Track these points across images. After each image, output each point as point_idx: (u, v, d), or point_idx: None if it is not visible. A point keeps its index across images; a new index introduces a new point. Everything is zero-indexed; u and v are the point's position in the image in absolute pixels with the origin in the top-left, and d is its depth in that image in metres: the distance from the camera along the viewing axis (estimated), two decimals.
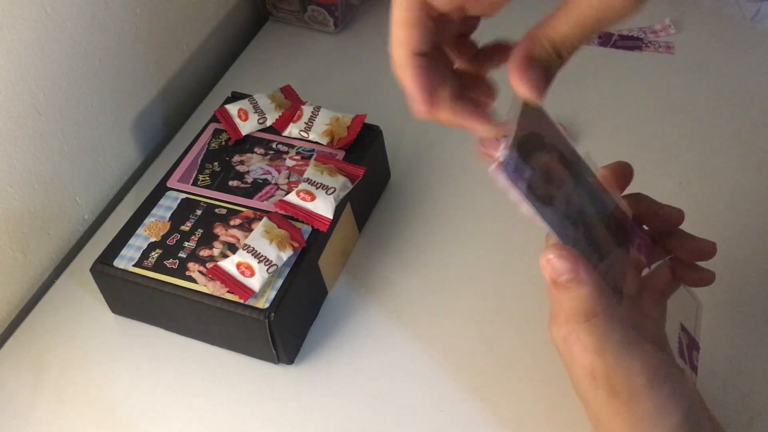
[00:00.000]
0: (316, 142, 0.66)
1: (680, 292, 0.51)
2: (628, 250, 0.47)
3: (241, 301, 0.55)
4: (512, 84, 0.39)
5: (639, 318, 0.48)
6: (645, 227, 0.50)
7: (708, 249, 0.49)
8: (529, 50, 0.38)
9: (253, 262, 0.56)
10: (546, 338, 0.58)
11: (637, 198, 0.49)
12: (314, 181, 0.61)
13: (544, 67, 0.39)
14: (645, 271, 0.51)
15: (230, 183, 0.64)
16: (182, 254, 0.59)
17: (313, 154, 0.65)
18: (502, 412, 0.55)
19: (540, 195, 0.41)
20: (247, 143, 0.67)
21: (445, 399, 0.56)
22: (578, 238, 0.43)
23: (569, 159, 0.44)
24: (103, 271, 0.59)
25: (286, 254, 0.57)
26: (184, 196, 0.63)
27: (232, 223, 0.61)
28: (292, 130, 0.67)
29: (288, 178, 0.64)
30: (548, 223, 0.41)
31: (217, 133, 0.68)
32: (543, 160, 0.42)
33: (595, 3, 0.37)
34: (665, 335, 0.49)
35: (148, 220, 0.62)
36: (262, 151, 0.66)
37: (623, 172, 0.49)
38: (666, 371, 0.42)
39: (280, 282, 0.57)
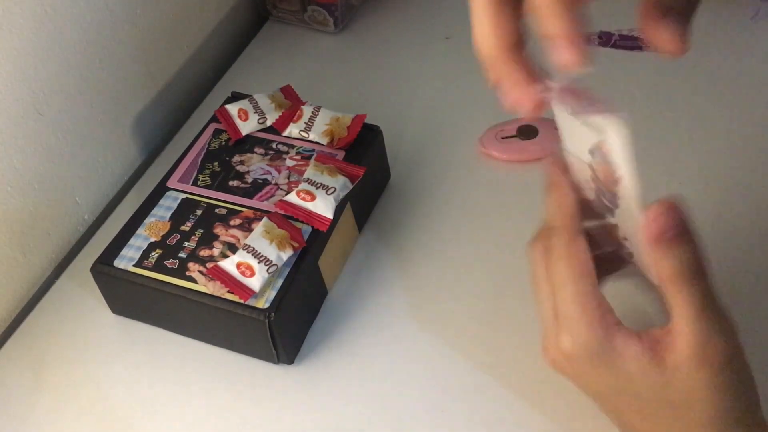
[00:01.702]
0: (316, 142, 0.66)
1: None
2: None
3: (241, 301, 0.55)
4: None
5: None
6: None
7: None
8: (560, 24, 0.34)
9: (253, 262, 0.56)
10: None
11: None
12: (314, 181, 0.61)
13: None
14: None
15: (230, 183, 0.64)
16: (182, 254, 0.59)
17: (313, 154, 0.65)
18: (503, 412, 0.55)
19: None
20: (247, 143, 0.67)
21: (446, 399, 0.56)
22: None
23: None
24: (103, 271, 0.59)
25: (286, 254, 0.57)
26: (184, 196, 0.63)
27: (232, 223, 0.61)
28: (292, 130, 0.67)
29: (288, 178, 0.64)
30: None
31: (217, 133, 0.68)
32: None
33: None
34: None
35: (148, 220, 0.62)
36: (262, 151, 0.66)
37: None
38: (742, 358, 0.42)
39: (280, 282, 0.57)
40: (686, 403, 0.41)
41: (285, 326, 0.57)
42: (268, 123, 0.68)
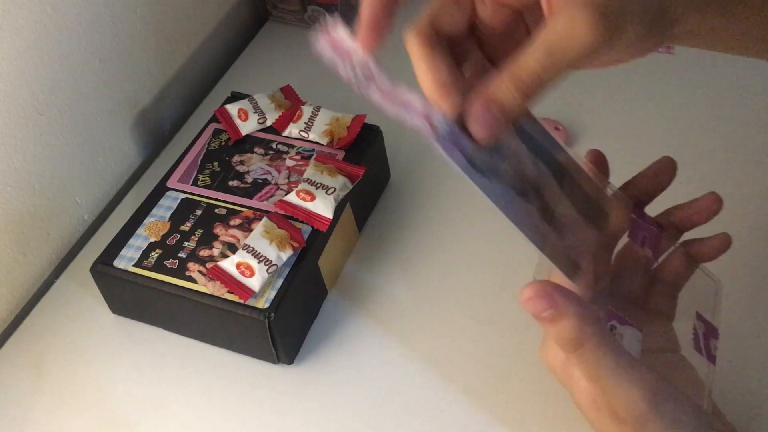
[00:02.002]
0: (316, 142, 0.66)
1: (695, 276, 0.49)
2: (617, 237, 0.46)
3: (241, 301, 0.55)
4: (467, 121, 0.38)
5: (646, 317, 0.48)
6: (652, 217, 0.49)
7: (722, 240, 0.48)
8: (491, 90, 0.37)
9: (253, 262, 0.56)
10: None
11: (669, 212, 0.49)
12: (314, 181, 0.61)
13: (504, 111, 0.37)
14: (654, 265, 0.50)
15: (230, 183, 0.64)
16: (182, 254, 0.59)
17: (313, 154, 0.65)
18: (502, 412, 0.55)
19: (480, 166, 0.39)
20: (247, 143, 0.67)
21: (445, 399, 0.56)
22: (529, 211, 0.41)
23: (529, 134, 0.43)
24: (103, 271, 0.59)
25: (286, 254, 0.57)
26: (184, 196, 0.63)
27: (232, 223, 0.61)
28: (292, 130, 0.67)
29: (288, 178, 0.64)
30: (486, 193, 0.39)
31: (217, 133, 0.68)
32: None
33: (559, 28, 0.35)
34: (674, 333, 0.48)
35: (148, 220, 0.62)
36: (262, 151, 0.66)
37: (598, 161, 0.48)
38: (667, 391, 0.41)
39: (280, 282, 0.57)
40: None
41: (285, 326, 0.57)
42: (268, 123, 0.68)
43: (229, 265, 0.57)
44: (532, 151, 0.43)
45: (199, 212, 0.62)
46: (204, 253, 0.59)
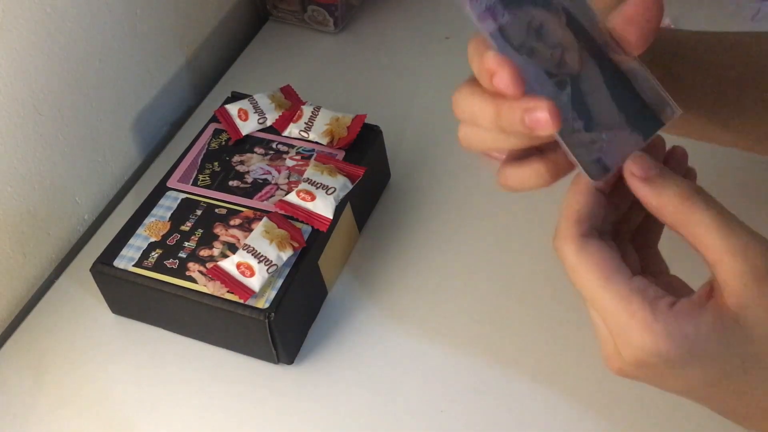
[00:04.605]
0: (316, 142, 0.66)
1: None
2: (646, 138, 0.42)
3: (241, 301, 0.55)
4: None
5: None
6: None
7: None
8: None
9: (253, 262, 0.56)
10: (547, 337, 0.59)
11: None
12: (314, 181, 0.61)
13: None
14: None
15: (230, 183, 0.64)
16: (182, 254, 0.59)
17: (313, 154, 0.65)
18: (502, 412, 0.55)
19: (514, 43, 0.38)
20: (247, 143, 0.67)
21: (445, 399, 0.56)
22: (561, 99, 0.39)
23: (585, 28, 0.41)
24: (103, 271, 0.59)
25: (286, 254, 0.57)
26: (184, 196, 0.63)
27: (232, 223, 0.61)
28: (292, 130, 0.67)
29: (288, 178, 0.64)
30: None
31: (217, 133, 0.68)
32: (538, 17, 0.39)
33: None
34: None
35: (148, 220, 0.62)
36: (262, 151, 0.66)
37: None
38: None
39: (280, 282, 0.57)
40: None
41: (285, 326, 0.57)
42: (268, 123, 0.68)
43: (229, 265, 0.57)
44: (582, 42, 0.41)
45: (199, 212, 0.62)
46: (204, 253, 0.59)
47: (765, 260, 0.35)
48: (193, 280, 0.57)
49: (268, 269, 0.56)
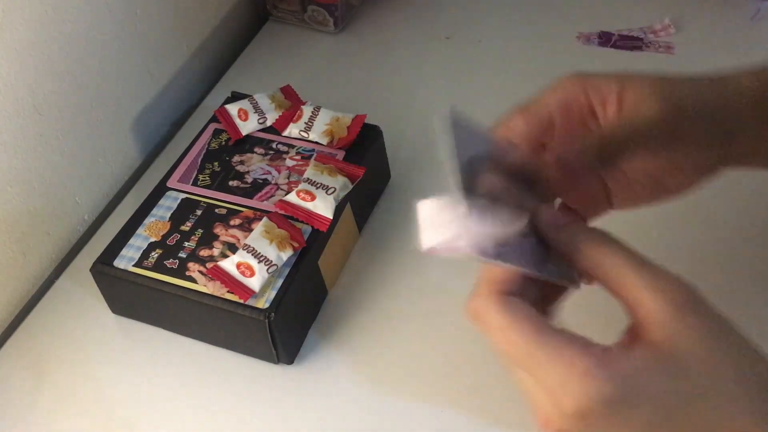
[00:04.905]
0: (316, 142, 0.66)
1: None
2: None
3: (241, 301, 0.55)
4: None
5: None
6: None
7: None
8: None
9: (253, 262, 0.56)
10: None
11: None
12: (314, 181, 0.61)
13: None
14: None
15: (230, 183, 0.64)
16: (182, 254, 0.59)
17: (313, 154, 0.65)
18: (502, 412, 0.55)
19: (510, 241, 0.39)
20: (247, 143, 0.67)
21: (445, 399, 0.56)
22: (533, 247, 0.41)
23: (517, 164, 0.43)
24: (103, 271, 0.59)
25: (286, 254, 0.57)
26: (184, 196, 0.63)
27: (232, 223, 0.61)
28: (292, 130, 0.67)
29: (288, 178, 0.64)
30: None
31: (217, 133, 0.68)
32: (492, 184, 0.41)
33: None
34: None
35: (148, 220, 0.62)
36: (262, 151, 0.66)
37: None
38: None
39: (280, 282, 0.57)
40: (709, 376, 0.36)
41: (285, 326, 0.57)
42: (268, 123, 0.68)
43: (229, 265, 0.57)
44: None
45: (199, 212, 0.62)
46: (204, 253, 0.59)
47: (682, 293, 0.37)
48: (193, 280, 0.57)
49: (268, 269, 0.56)
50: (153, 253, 0.59)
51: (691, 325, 0.36)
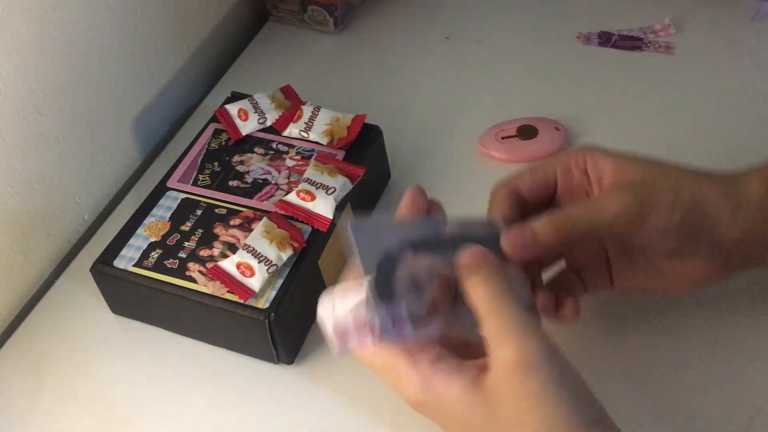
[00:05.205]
0: (316, 142, 0.66)
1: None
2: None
3: (241, 301, 0.55)
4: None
5: None
6: None
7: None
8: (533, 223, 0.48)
9: (253, 262, 0.56)
10: (548, 327, 0.58)
11: None
12: (314, 181, 0.61)
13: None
14: None
15: (230, 183, 0.64)
16: (182, 254, 0.59)
17: (313, 154, 0.65)
18: None
19: (420, 316, 0.44)
20: (247, 143, 0.67)
21: None
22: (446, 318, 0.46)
23: (426, 240, 0.46)
24: (103, 271, 0.59)
25: (286, 254, 0.57)
26: (184, 196, 0.63)
27: (232, 223, 0.61)
28: (292, 130, 0.67)
29: (288, 178, 0.64)
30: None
31: (217, 133, 0.68)
32: (405, 271, 0.44)
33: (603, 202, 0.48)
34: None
35: (148, 220, 0.62)
36: (262, 151, 0.66)
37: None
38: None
39: (280, 282, 0.57)
40: (519, 425, 0.40)
41: (285, 326, 0.57)
42: (268, 123, 0.68)
43: (229, 265, 0.57)
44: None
45: (199, 212, 0.62)
46: (204, 253, 0.59)
47: (518, 353, 0.40)
48: (193, 280, 0.57)
49: (268, 269, 0.56)
50: (153, 253, 0.59)
51: (514, 385, 0.40)
